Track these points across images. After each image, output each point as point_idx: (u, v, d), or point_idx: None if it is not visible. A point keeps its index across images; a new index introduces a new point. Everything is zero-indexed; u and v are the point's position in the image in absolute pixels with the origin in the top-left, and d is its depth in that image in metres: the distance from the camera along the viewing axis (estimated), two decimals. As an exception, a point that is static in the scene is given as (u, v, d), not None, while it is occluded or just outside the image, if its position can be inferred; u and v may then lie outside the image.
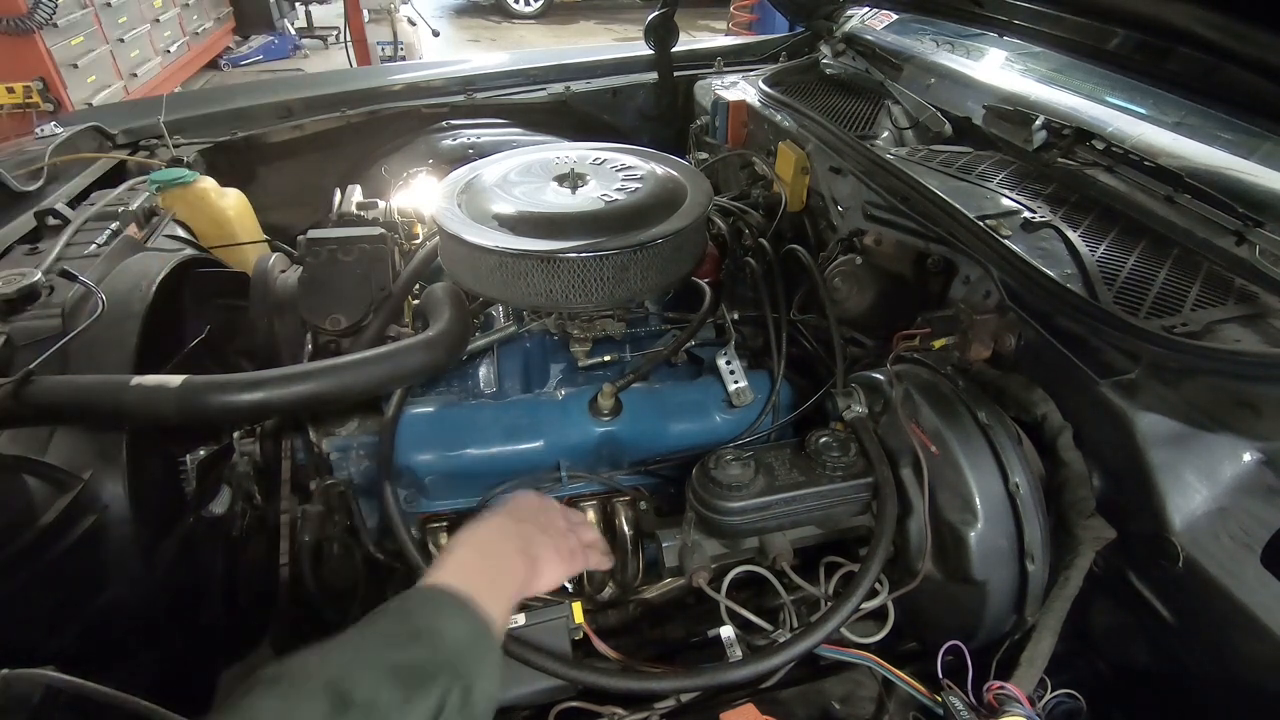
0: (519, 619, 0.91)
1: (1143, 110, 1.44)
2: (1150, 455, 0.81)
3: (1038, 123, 1.36)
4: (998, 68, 1.80)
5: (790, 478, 0.93)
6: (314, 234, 1.24)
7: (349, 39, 5.39)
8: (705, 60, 2.29)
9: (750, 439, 1.17)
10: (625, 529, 1.12)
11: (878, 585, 0.90)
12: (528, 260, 1.06)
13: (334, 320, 1.22)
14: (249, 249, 1.64)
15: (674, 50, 2.21)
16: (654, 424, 1.17)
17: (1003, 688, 0.79)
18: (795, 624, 0.95)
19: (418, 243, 1.42)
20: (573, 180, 1.20)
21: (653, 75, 2.27)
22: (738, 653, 0.92)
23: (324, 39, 7.86)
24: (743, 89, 1.84)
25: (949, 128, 1.60)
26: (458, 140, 2.05)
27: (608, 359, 1.27)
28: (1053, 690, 0.85)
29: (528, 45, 8.52)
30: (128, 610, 1.02)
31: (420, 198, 1.60)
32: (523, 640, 0.87)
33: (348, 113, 2.06)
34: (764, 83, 1.81)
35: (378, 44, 5.69)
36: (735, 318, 1.30)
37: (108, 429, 1.02)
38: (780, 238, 1.45)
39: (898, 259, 1.24)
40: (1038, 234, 1.12)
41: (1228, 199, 1.10)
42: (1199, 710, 0.83)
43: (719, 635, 0.95)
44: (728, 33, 6.93)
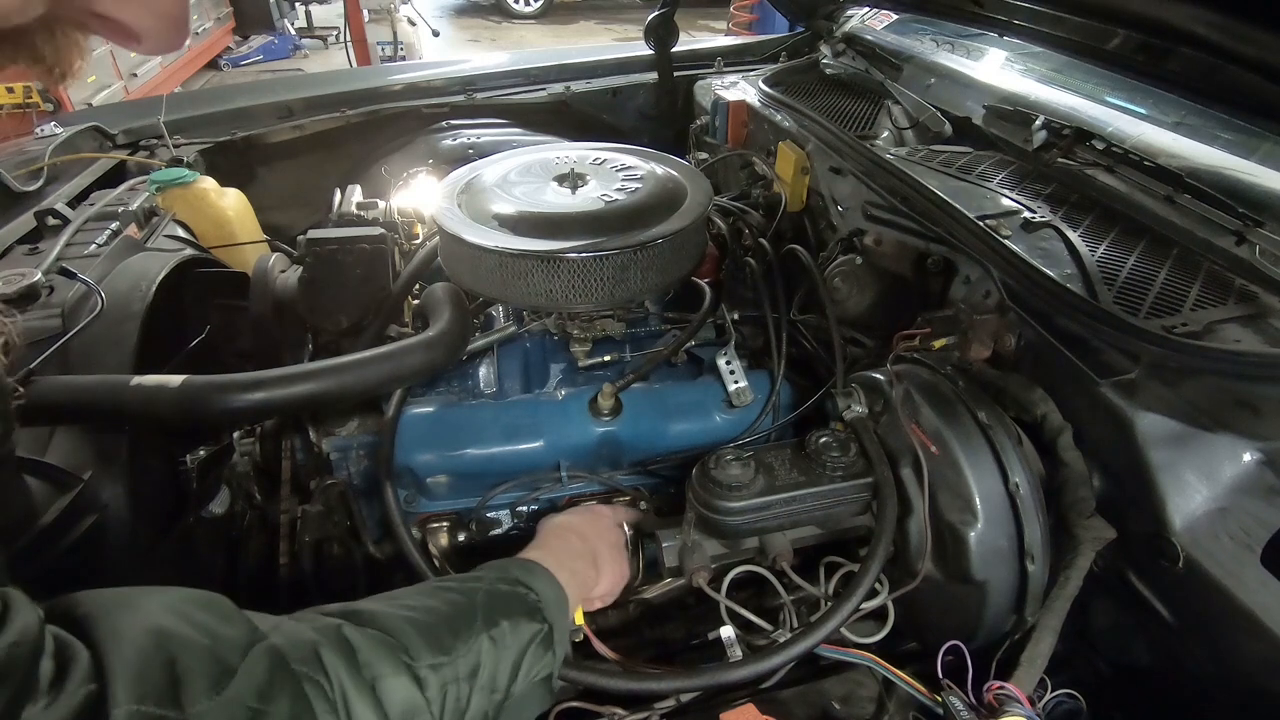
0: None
1: (1143, 110, 1.44)
2: (1150, 455, 0.81)
3: (1038, 123, 1.36)
4: (998, 68, 1.80)
5: (790, 478, 0.93)
6: (314, 234, 1.24)
7: (349, 39, 5.40)
8: (705, 60, 2.29)
9: (750, 439, 1.17)
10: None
11: (878, 585, 0.90)
12: (528, 260, 1.06)
13: (334, 320, 1.22)
14: (249, 249, 1.64)
15: (674, 50, 2.21)
16: (654, 424, 1.17)
17: (1003, 688, 0.79)
18: (795, 624, 0.95)
19: (418, 243, 1.42)
20: (573, 180, 1.20)
21: (653, 75, 2.27)
22: (738, 653, 0.92)
23: (324, 39, 7.87)
24: (743, 89, 1.84)
25: (949, 128, 1.60)
26: (458, 140, 2.05)
27: (608, 359, 1.27)
28: (1053, 690, 0.85)
29: (528, 45, 8.53)
30: (128, 610, 1.02)
31: (420, 198, 1.59)
32: (523, 640, 0.86)
33: (348, 113, 2.06)
34: (764, 83, 1.81)
35: (378, 44, 5.69)
36: (735, 318, 1.30)
37: (108, 429, 1.02)
38: (780, 238, 1.45)
39: (898, 259, 1.24)
40: (1038, 234, 1.12)
41: (1228, 199, 1.10)
42: (1199, 710, 0.83)
43: (719, 635, 0.95)
44: (728, 33, 6.93)
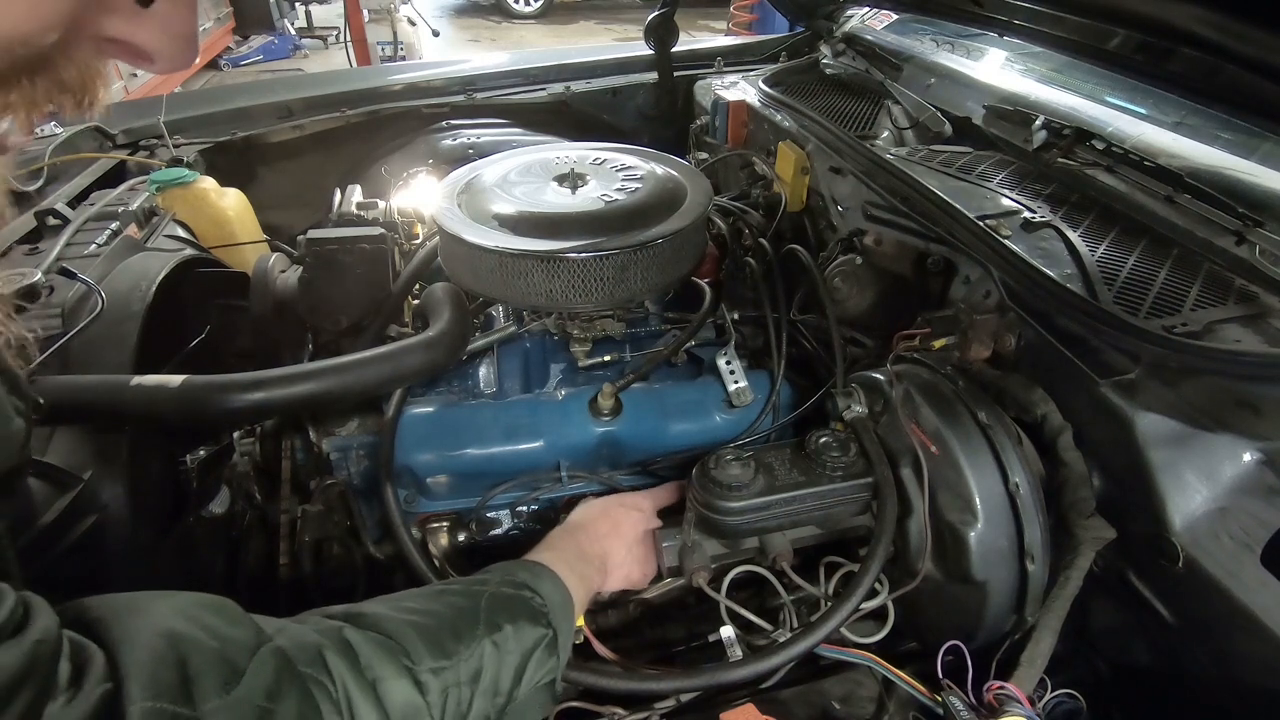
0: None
1: (1143, 110, 1.44)
2: (1150, 455, 0.81)
3: (1038, 123, 1.36)
4: (998, 68, 1.80)
5: (790, 478, 0.93)
6: (314, 234, 1.24)
7: (349, 39, 5.40)
8: (705, 60, 2.29)
9: (750, 439, 1.17)
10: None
11: (878, 585, 0.90)
12: (528, 260, 1.06)
13: (334, 320, 1.22)
14: (249, 249, 1.64)
15: (674, 50, 2.21)
16: (654, 424, 1.17)
17: (1003, 688, 0.79)
18: (795, 624, 0.95)
19: (418, 243, 1.42)
20: (573, 180, 1.20)
21: (653, 75, 2.27)
22: (738, 653, 0.92)
23: (324, 39, 7.87)
24: (743, 89, 1.84)
25: (949, 128, 1.60)
26: (458, 140, 2.05)
27: (608, 359, 1.27)
28: (1053, 690, 0.85)
29: (528, 45, 8.53)
30: (128, 610, 1.02)
31: (420, 198, 1.60)
32: (523, 640, 0.86)
33: (348, 113, 2.06)
34: (764, 83, 1.81)
35: (378, 44, 5.70)
36: (735, 318, 1.30)
37: (108, 429, 1.02)
38: (780, 238, 1.45)
39: (898, 259, 1.24)
40: (1038, 234, 1.12)
41: (1228, 199, 1.10)
42: (1199, 710, 0.83)
43: (719, 635, 0.95)
44: (728, 33, 6.93)
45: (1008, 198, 1.23)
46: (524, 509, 1.18)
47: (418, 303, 1.24)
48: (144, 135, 1.90)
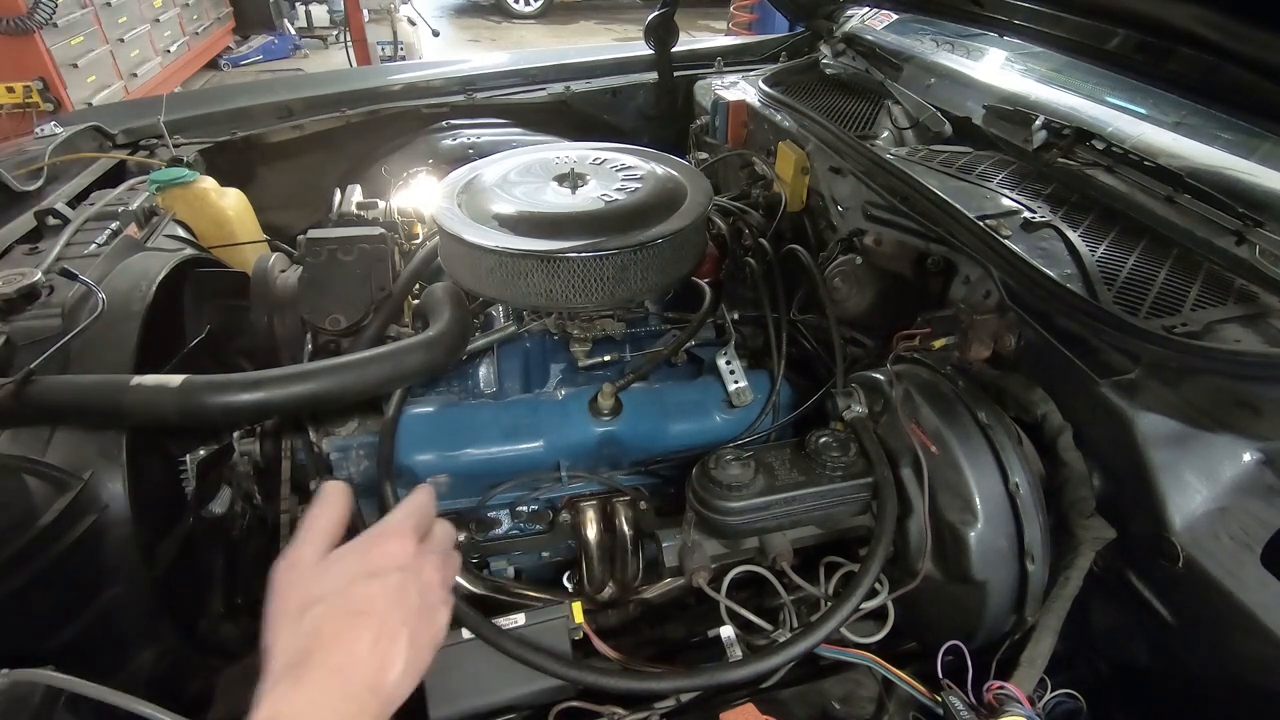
0: (519, 619, 0.91)
1: (1143, 110, 1.44)
2: (1150, 455, 0.81)
3: (1038, 123, 1.36)
4: (998, 68, 1.80)
5: (790, 478, 0.93)
6: (314, 234, 1.24)
7: (349, 39, 5.40)
8: (705, 60, 2.29)
9: (750, 439, 1.17)
10: (625, 529, 1.12)
11: (878, 585, 0.90)
12: (528, 260, 1.06)
13: (334, 320, 1.22)
14: (249, 249, 1.64)
15: (674, 50, 2.21)
16: (654, 424, 1.17)
17: (1003, 688, 0.79)
18: (795, 624, 0.95)
19: (418, 243, 1.42)
20: (573, 180, 1.20)
21: (653, 75, 2.27)
22: (738, 653, 0.92)
23: (324, 39, 7.87)
24: (743, 89, 1.84)
25: (949, 128, 1.60)
26: (458, 140, 2.05)
27: (608, 359, 1.27)
28: (1053, 690, 0.85)
29: (528, 45, 8.52)
30: (128, 610, 1.02)
31: (420, 198, 1.60)
32: (523, 640, 0.87)
33: (348, 113, 2.06)
34: (764, 83, 1.81)
35: (378, 44, 5.70)
36: (735, 318, 1.30)
37: (108, 429, 1.02)
38: (780, 238, 1.45)
39: (898, 259, 1.24)
40: (1038, 234, 1.12)
41: (1228, 199, 1.10)
42: (1199, 710, 0.83)
43: (719, 635, 0.95)
44: (728, 33, 6.93)
45: (1008, 198, 1.23)
46: (524, 509, 1.18)
47: (418, 303, 1.24)
48: (144, 135, 1.90)
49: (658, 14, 2.12)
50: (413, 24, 5.96)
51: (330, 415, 1.21)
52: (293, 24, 7.70)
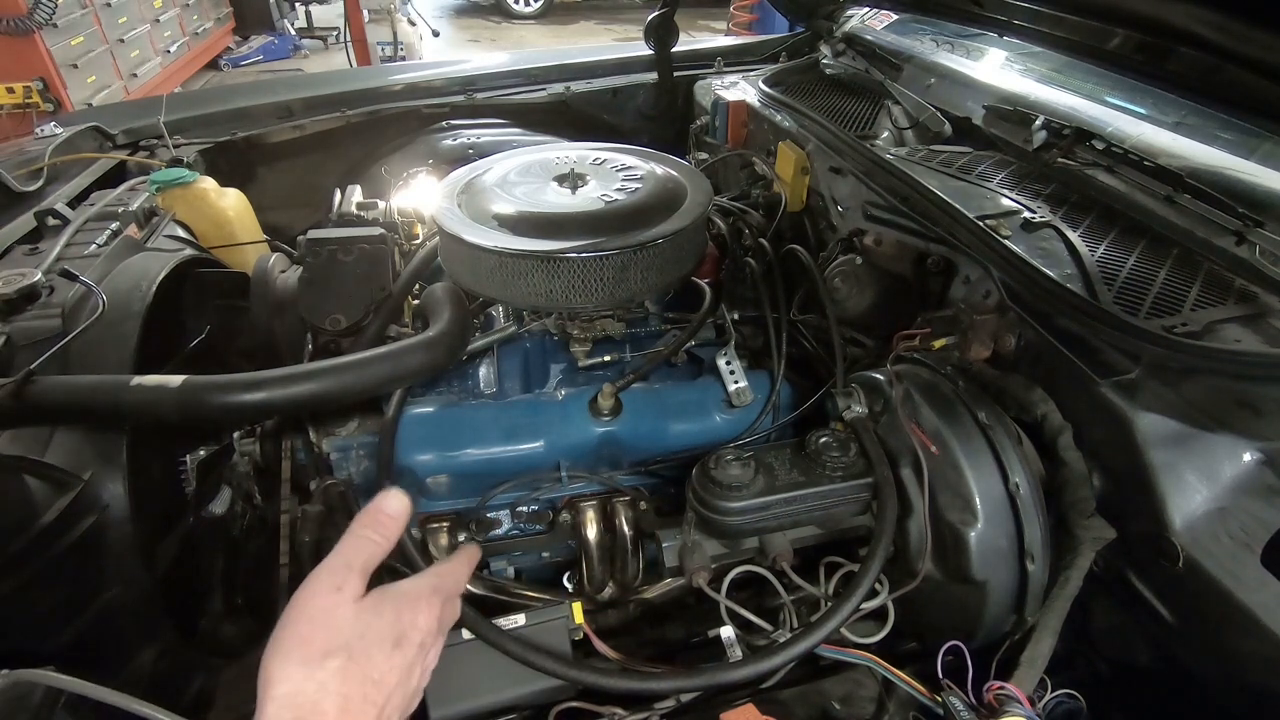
0: (519, 619, 0.91)
1: (1143, 110, 1.44)
2: (1150, 455, 0.81)
3: (1038, 123, 1.36)
4: (998, 68, 1.80)
5: (790, 478, 0.93)
6: (314, 234, 1.24)
7: (349, 39, 5.40)
8: (705, 60, 2.29)
9: (750, 439, 1.17)
10: (625, 529, 1.12)
11: (878, 585, 0.90)
12: (528, 260, 1.06)
13: (334, 320, 1.22)
14: (249, 249, 1.64)
15: (674, 50, 2.21)
16: (654, 424, 1.17)
17: (1003, 688, 0.79)
18: (795, 624, 0.95)
19: (418, 243, 1.42)
20: (573, 180, 1.20)
21: (653, 75, 2.27)
22: (738, 653, 0.92)
23: (324, 39, 7.87)
24: (743, 89, 1.84)
25: (949, 128, 1.60)
26: (458, 140, 2.05)
27: (608, 359, 1.27)
28: (1053, 690, 0.85)
29: (528, 45, 8.52)
30: (128, 610, 1.02)
31: (420, 198, 1.60)
32: (523, 640, 0.87)
33: (348, 113, 2.07)
34: (764, 83, 1.81)
35: (378, 44, 5.70)
36: (735, 318, 1.30)
37: (108, 429, 1.02)
38: (780, 238, 1.45)
39: (898, 259, 1.24)
40: (1038, 234, 1.12)
41: (1228, 199, 1.10)
42: (1199, 710, 0.83)
43: (719, 635, 0.95)
44: (728, 33, 6.93)
45: (1008, 198, 1.23)
46: (524, 509, 1.18)
47: (418, 303, 1.24)
48: (144, 135, 1.90)
49: (658, 14, 2.12)
50: (413, 24, 5.96)
51: (330, 415, 1.21)
52: (293, 24, 7.70)
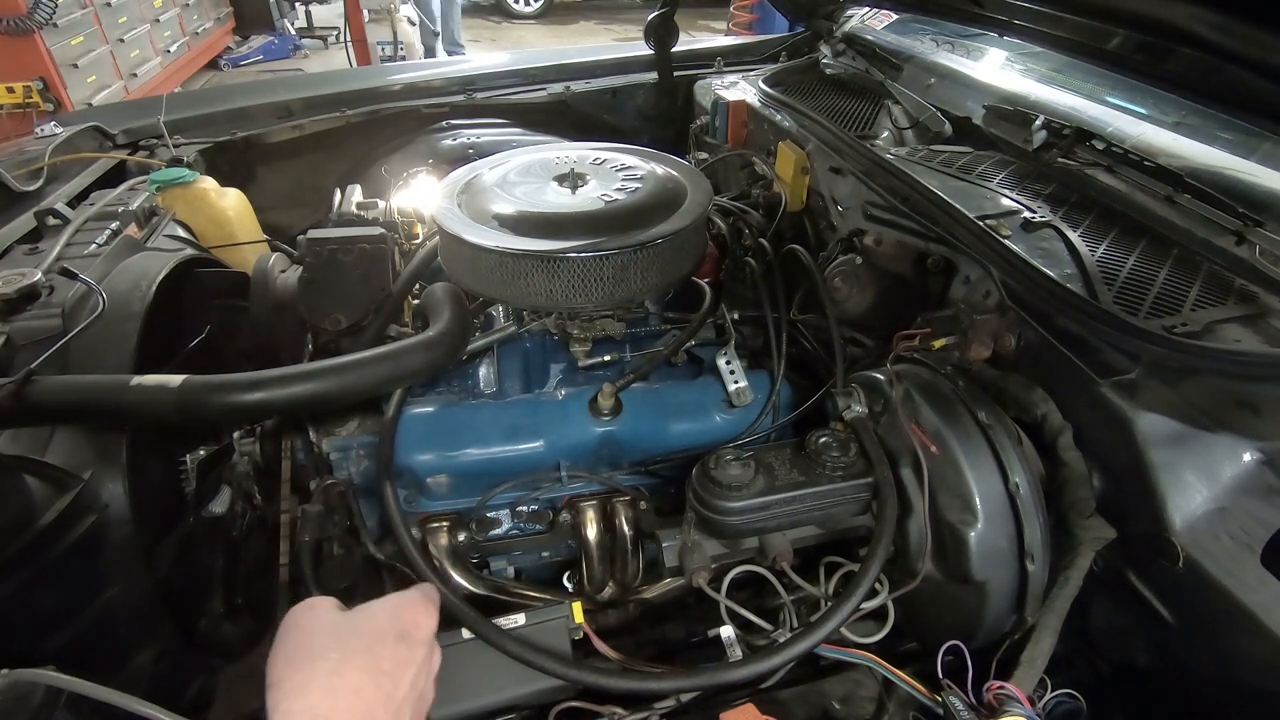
0: (519, 619, 0.91)
1: (1143, 110, 1.44)
2: (1150, 455, 0.81)
3: (1038, 123, 1.36)
4: (998, 68, 1.80)
5: (790, 478, 0.93)
6: (314, 234, 1.24)
7: (349, 39, 5.40)
8: (705, 60, 2.29)
9: (750, 439, 1.17)
10: (625, 529, 1.12)
11: (878, 585, 0.90)
12: (528, 260, 1.06)
13: (334, 320, 1.22)
14: (249, 249, 1.64)
15: (674, 50, 2.21)
16: (654, 424, 1.17)
17: (1003, 688, 0.79)
18: (795, 624, 0.95)
19: (418, 243, 1.42)
20: (573, 180, 1.20)
21: (653, 75, 2.27)
22: (738, 653, 0.92)
23: (324, 39, 7.86)
24: (743, 89, 1.84)
25: (949, 128, 1.60)
26: (458, 140, 2.05)
27: (608, 359, 1.27)
28: (1053, 690, 0.85)
29: (528, 45, 8.52)
30: (128, 610, 1.02)
31: (420, 198, 1.60)
32: (523, 640, 0.87)
33: (348, 113, 2.06)
34: (764, 83, 1.81)
35: (378, 44, 5.69)
36: (735, 318, 1.30)
37: (108, 429, 1.02)
38: (780, 238, 1.45)
39: (898, 259, 1.24)
40: (1038, 234, 1.12)
41: (1228, 199, 1.10)
42: (1199, 710, 0.83)
43: (719, 635, 0.95)
44: (728, 33, 6.92)
45: (1008, 198, 1.23)
46: (524, 509, 1.18)
47: (418, 303, 1.24)
48: (144, 135, 1.90)
49: (658, 14, 2.12)
50: (413, 24, 5.95)
51: (330, 415, 1.21)
52: (293, 24, 7.69)
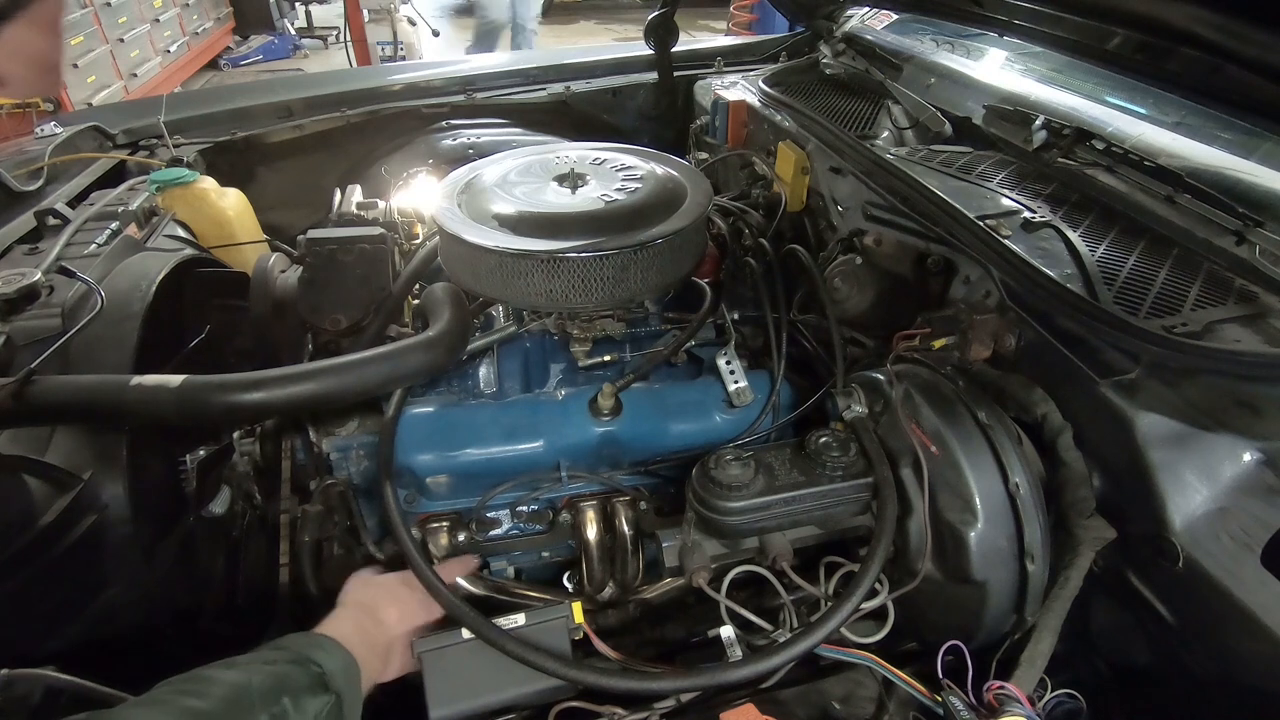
0: (519, 619, 0.91)
1: (1143, 110, 1.44)
2: (1150, 455, 0.81)
3: (1038, 123, 1.36)
4: (998, 68, 1.80)
5: (790, 478, 0.93)
6: (314, 234, 1.24)
7: (349, 39, 5.40)
8: (705, 60, 2.29)
9: (750, 439, 1.17)
10: (625, 529, 1.12)
11: (878, 585, 0.90)
12: (528, 260, 1.06)
13: (334, 320, 1.22)
14: (249, 249, 1.64)
15: (674, 50, 2.21)
16: (654, 424, 1.17)
17: (1003, 688, 0.79)
18: (795, 624, 0.95)
19: (418, 243, 1.42)
20: (573, 180, 1.20)
21: (653, 75, 2.27)
22: (738, 653, 0.92)
23: (324, 39, 7.86)
24: (743, 89, 1.84)
25: (949, 128, 1.60)
26: (458, 140, 2.05)
27: (608, 359, 1.27)
28: (1053, 690, 0.85)
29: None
30: (128, 610, 1.02)
31: (420, 198, 1.60)
32: (523, 640, 0.87)
33: (348, 113, 2.06)
34: (764, 83, 1.81)
35: (378, 44, 5.69)
36: (735, 318, 1.30)
37: (108, 429, 1.02)
38: (780, 238, 1.45)
39: (898, 259, 1.24)
40: (1038, 234, 1.12)
41: (1228, 199, 1.10)
42: (1199, 710, 0.83)
43: (719, 635, 0.95)
44: (728, 33, 6.92)
45: (1008, 198, 1.23)
46: (524, 509, 1.18)
47: (418, 303, 1.24)
48: (144, 135, 1.90)
49: (658, 14, 2.12)
50: (413, 24, 5.95)
51: (330, 415, 1.21)
52: (292, 24, 7.69)
